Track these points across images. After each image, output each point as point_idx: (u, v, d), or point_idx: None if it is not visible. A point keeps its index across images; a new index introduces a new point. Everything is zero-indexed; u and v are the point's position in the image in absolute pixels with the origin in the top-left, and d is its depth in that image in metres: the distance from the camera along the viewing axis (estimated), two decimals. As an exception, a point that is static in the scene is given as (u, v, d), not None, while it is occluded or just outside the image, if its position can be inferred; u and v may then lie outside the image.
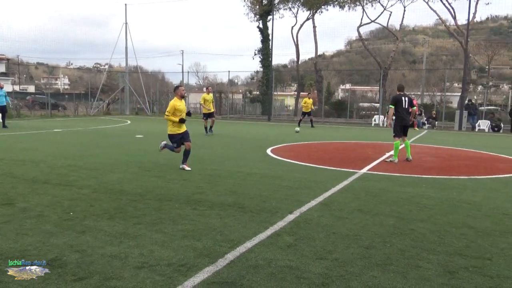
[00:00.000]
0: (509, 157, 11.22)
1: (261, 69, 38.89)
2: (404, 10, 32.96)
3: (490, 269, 3.47)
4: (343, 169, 8.32)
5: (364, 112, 38.11)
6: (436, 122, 26.21)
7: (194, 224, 4.45)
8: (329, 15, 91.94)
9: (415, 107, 10.18)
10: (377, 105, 33.06)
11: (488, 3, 48.04)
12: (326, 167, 8.65)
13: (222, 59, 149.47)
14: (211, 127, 15.70)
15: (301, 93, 39.33)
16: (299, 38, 38.08)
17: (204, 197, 5.68)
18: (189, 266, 3.34)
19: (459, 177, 7.88)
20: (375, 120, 28.09)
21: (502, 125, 24.32)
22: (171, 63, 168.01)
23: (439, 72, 45.47)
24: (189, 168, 7.76)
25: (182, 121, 7.74)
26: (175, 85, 7.73)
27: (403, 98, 9.72)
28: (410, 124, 9.90)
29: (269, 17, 35.71)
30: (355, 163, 9.24)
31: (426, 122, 25.73)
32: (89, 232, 4.14)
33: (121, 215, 4.75)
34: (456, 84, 49.51)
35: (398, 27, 35.89)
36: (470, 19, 25.66)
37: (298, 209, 5.13)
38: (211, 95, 15.88)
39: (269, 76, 34.54)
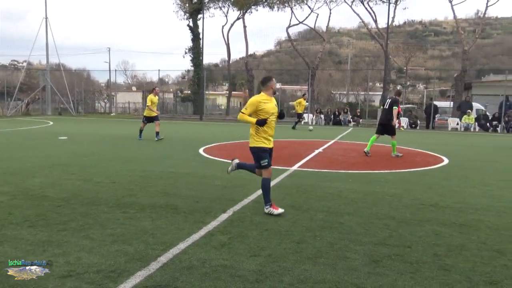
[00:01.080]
0: (425, 151, 12.13)
1: (192, 68, 38.51)
2: (330, 13, 34.38)
3: (410, 256, 3.73)
4: (275, 167, 8.46)
5: (294, 111, 39.10)
6: (361, 120, 27.64)
7: (125, 228, 4.30)
8: (259, 15, 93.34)
9: (395, 107, 10.63)
10: (306, 104, 34.10)
11: (405, 8, 51.50)
12: (258, 165, 8.76)
13: (152, 57, 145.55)
14: (158, 132, 13.68)
15: (302, 92, 39.48)
16: (230, 37, 38.16)
17: (135, 200, 5.51)
18: (119, 272, 3.23)
19: (382, 171, 8.38)
20: (304, 119, 28.96)
21: (418, 122, 26.27)
22: (97, 61, 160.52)
23: (362, 73, 47.99)
24: (281, 210, 4.98)
25: (262, 123, 5.00)
26: (263, 77, 5.48)
27: (388, 100, 10.95)
28: (389, 124, 10.62)
29: (199, 15, 35.46)
30: (287, 160, 9.47)
31: (351, 120, 27.03)
32: (8, 242, 3.85)
33: (43, 222, 4.47)
34: (378, 84, 52.48)
35: (324, 29, 37.31)
36: (390, 23, 27.37)
37: (231, 208, 5.16)
38: (157, 96, 14.55)
39: (201, 75, 34.29)
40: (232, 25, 37.60)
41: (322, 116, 28.32)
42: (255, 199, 5.67)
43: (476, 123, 24.43)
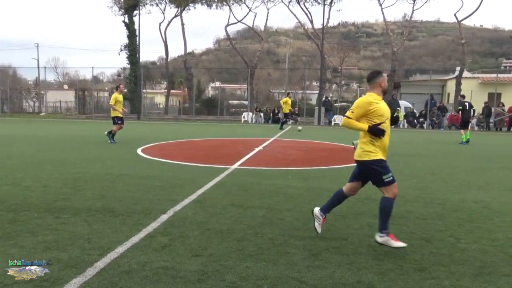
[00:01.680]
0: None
1: (129, 65, 37.31)
2: (268, 12, 34.90)
3: (347, 248, 3.89)
4: (215, 166, 8.47)
5: (234, 110, 39.26)
6: (299, 118, 28.33)
7: (58, 234, 4.08)
8: (197, 13, 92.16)
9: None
10: (246, 102, 34.34)
11: (339, 10, 53.49)
12: (198, 164, 8.70)
13: (85, 54, 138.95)
14: (114, 134, 12.97)
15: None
16: (167, 35, 37.45)
17: (69, 204, 5.25)
18: (52, 280, 3.06)
19: (320, 167, 8.65)
20: (244, 117, 29.15)
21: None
22: (24, 58, 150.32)
23: (300, 72, 49.21)
24: (402, 244, 3.80)
25: (379, 132, 4.06)
26: (370, 72, 4.36)
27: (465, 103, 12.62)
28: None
29: (135, 11, 34.44)
30: (227, 159, 9.49)
31: (290, 118, 27.61)
32: None
33: (-35, 231, 4.12)
34: (314, 83, 54.06)
35: (263, 28, 37.75)
36: (325, 23, 28.26)
37: (171, 209, 5.07)
38: (121, 95, 13.40)
39: (137, 73, 33.35)
40: (169, 22, 36.96)
41: (262, 114, 28.67)
42: (196, 199, 5.63)
43: (405, 120, 25.94)
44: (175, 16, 36.29)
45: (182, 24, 36.07)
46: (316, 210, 4.31)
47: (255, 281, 3.13)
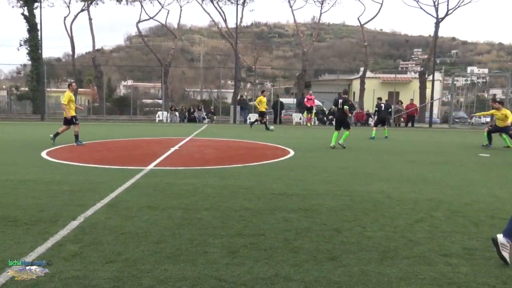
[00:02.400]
0: (274, 145, 13.06)
1: (30, 62, 34.43)
2: (181, 10, 34.41)
3: (264, 243, 3.99)
4: (129, 167, 8.16)
5: (148, 109, 38.16)
6: (215, 117, 28.37)
7: None
8: (106, 8, 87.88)
9: (346, 107, 12.44)
10: (160, 101, 33.54)
11: (252, 10, 54.35)
12: (111, 166, 8.32)
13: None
14: (77, 135, 12.20)
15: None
16: (74, 30, 35.19)
17: (-39, 215, 4.71)
18: None
19: (236, 165, 8.75)
20: (159, 116, 28.46)
21: (267, 118, 28.08)
22: None
23: (214, 70, 49.24)
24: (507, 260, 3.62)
25: None
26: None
27: (338, 100, 12.81)
28: (345, 119, 12.68)
29: (36, 4, 31.86)
30: (141, 160, 9.20)
31: (206, 117, 27.53)
32: None
33: None
34: (229, 82, 54.46)
35: (176, 26, 37.10)
36: (238, 23, 28.58)
37: (82, 214, 4.79)
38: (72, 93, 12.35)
39: (40, 70, 30.89)
40: (75, 16, 34.77)
41: (177, 113, 28.21)
42: (109, 203, 5.38)
43: (316, 118, 27.20)
44: (82, 10, 34.25)
45: (90, 19, 34.18)
46: (500, 237, 3.69)
47: (174, 283, 3.08)
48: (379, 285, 3.13)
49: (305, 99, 25.77)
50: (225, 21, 33.13)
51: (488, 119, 25.10)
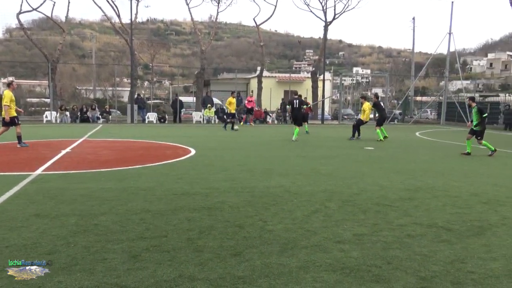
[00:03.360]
0: (175, 144, 12.85)
1: None
2: (69, 2, 31.94)
3: (167, 244, 3.92)
4: (13, 173, 7.41)
5: (33, 109, 34.97)
6: (110, 116, 26.99)
7: None
8: (-22, -4, 77.92)
9: (305, 106, 15.67)
10: (48, 100, 30.94)
11: (147, 6, 52.66)
12: (-10, 173, 7.46)
13: None
14: (20, 136, 11.51)
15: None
16: None
17: None
18: None
19: (135, 166, 8.44)
20: (46, 117, 26.23)
21: (167, 117, 27.57)
22: None
23: (109, 68, 46.73)
24: None
25: None
26: None
27: (294, 100, 15.35)
28: (303, 117, 15.77)
29: None
30: (28, 164, 8.40)
31: (100, 116, 26.05)
32: None
33: None
34: (125, 80, 52.22)
35: (63, 19, 34.44)
36: (133, 19, 27.51)
37: (-44, 229, 4.23)
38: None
39: None
40: None
41: (67, 113, 26.25)
42: (-10, 214, 4.83)
43: (216, 116, 27.37)
44: None
45: (-42, 8, 30.18)
46: None
47: (70, 295, 2.88)
48: (281, 276, 3.27)
49: (246, 101, 26.04)
50: (118, 16, 31.63)
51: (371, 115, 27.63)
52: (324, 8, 31.97)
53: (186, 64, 79.09)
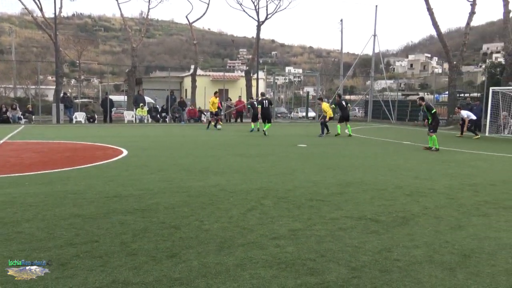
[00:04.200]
0: (105, 145, 12.33)
1: None
2: (-17, -7, 29.42)
3: (99, 249, 3.76)
4: None
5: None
6: (33, 116, 25.29)
7: None
8: None
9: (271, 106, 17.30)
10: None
11: (72, 0, 50.07)
12: None
13: None
14: None
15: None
16: None
17: None
18: None
19: (63, 169, 7.99)
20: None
21: (96, 116, 26.38)
22: None
23: (31, 64, 43.66)
24: None
25: None
26: None
27: (264, 101, 17.18)
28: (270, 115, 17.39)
29: None
30: None
31: (22, 116, 24.32)
32: None
33: None
34: (50, 77, 49.17)
35: (-24, 11, 31.65)
36: (57, 13, 25.96)
37: None
38: None
39: None
40: None
41: (-16, 113, 24.18)
42: None
43: (149, 115, 26.67)
44: None
45: None
46: None
47: (-9, 310, 2.67)
48: (218, 275, 3.27)
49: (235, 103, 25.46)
50: (41, 9, 29.69)
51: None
52: (257, 7, 32.38)
53: (116, 61, 76.14)
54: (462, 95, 30.63)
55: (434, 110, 12.64)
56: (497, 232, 4.57)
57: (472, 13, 25.71)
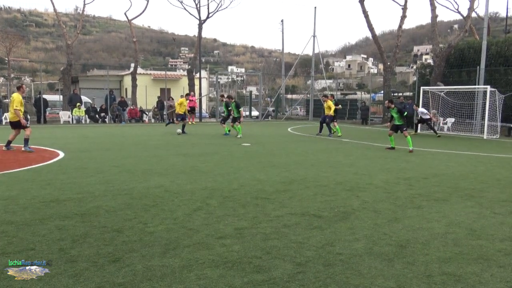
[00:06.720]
0: (39, 147, 11.65)
1: None
2: None
3: (35, 258, 3.55)
4: None
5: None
6: (-44, 118, 23.33)
7: None
8: None
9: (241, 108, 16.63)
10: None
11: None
12: None
13: None
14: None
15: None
16: None
17: None
18: None
19: (-9, 174, 7.45)
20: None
21: (29, 117, 24.81)
22: None
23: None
24: None
25: None
26: None
27: (233, 103, 16.17)
28: (237, 118, 16.19)
29: None
30: None
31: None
32: None
33: None
34: (-26, 75, 45.59)
35: None
36: (-18, 6, 24.15)
37: None
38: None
39: None
40: None
41: None
42: None
43: (87, 115, 25.55)
44: None
45: None
46: None
47: None
48: (164, 278, 3.22)
49: (188, 100, 24.13)
50: (-38, 2, 27.49)
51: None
52: (198, 6, 32.06)
53: (49, 59, 72.21)
54: (396, 94, 32.33)
55: (406, 113, 12.93)
56: (430, 222, 4.88)
57: (403, 16, 27.20)
